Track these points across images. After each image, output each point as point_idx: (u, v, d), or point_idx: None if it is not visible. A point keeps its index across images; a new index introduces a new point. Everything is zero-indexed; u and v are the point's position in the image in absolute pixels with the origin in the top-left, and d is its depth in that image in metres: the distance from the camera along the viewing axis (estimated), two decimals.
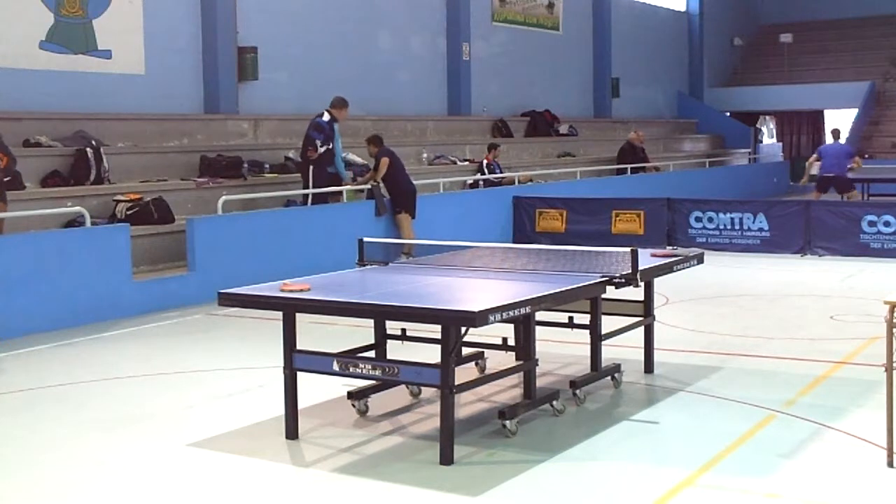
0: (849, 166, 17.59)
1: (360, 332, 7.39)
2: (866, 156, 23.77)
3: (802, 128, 34.10)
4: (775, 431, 6.02)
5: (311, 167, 12.92)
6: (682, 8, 30.22)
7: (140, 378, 7.69)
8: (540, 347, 6.47)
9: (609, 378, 7.05)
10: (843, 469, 5.34)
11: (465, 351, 7.05)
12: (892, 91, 29.45)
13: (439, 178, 15.94)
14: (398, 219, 13.52)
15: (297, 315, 5.99)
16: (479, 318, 5.17)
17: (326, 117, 13.02)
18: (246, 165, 13.65)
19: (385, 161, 13.56)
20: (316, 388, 6.76)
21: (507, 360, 7.11)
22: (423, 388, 6.75)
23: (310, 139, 12.92)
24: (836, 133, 18.95)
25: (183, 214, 12.01)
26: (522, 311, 5.62)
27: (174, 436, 6.08)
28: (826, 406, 6.50)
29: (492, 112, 21.16)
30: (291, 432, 5.98)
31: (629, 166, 20.73)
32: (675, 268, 7.27)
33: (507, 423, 5.92)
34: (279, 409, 6.12)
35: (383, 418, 6.38)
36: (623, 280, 6.43)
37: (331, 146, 13.01)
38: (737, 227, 14.86)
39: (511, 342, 6.84)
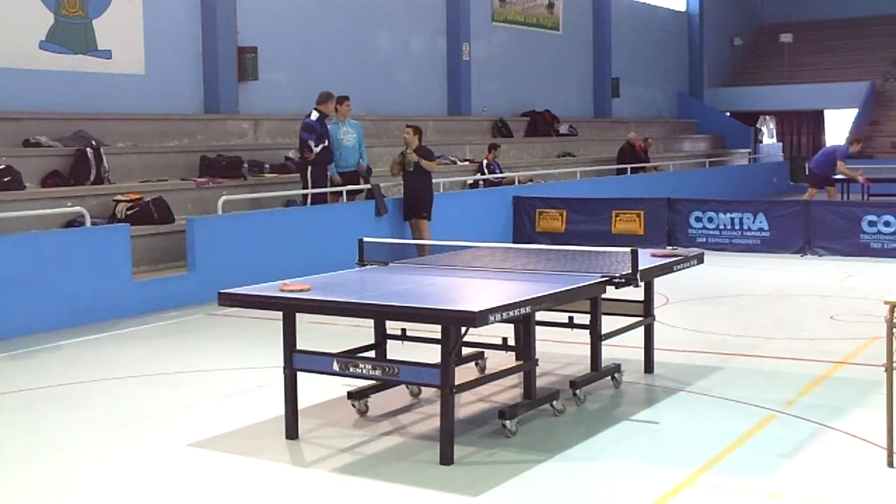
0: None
1: (360, 332, 7.39)
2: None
3: (802, 128, 34.09)
4: (775, 431, 6.02)
5: (308, 168, 12.87)
6: (682, 8, 30.22)
7: (140, 378, 7.69)
8: (540, 347, 6.47)
9: (609, 378, 7.04)
10: (843, 469, 5.34)
11: (465, 351, 7.05)
12: (892, 91, 29.46)
13: (439, 178, 15.92)
14: (420, 223, 13.48)
15: (297, 315, 5.99)
16: (479, 318, 5.17)
17: (315, 115, 12.87)
18: (246, 165, 13.64)
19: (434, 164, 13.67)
20: (316, 388, 6.76)
21: (507, 360, 7.10)
22: (423, 388, 6.75)
23: (302, 141, 12.83)
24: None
25: (183, 214, 12.01)
26: (522, 311, 5.62)
27: (174, 436, 6.08)
28: (826, 406, 6.50)
29: (492, 112, 21.16)
30: (291, 432, 5.98)
31: (629, 166, 20.74)
32: (675, 268, 7.27)
33: (507, 423, 5.92)
34: (279, 409, 6.12)
35: (383, 418, 6.37)
36: (623, 280, 6.43)
37: (326, 143, 12.91)
38: (737, 227, 14.86)
39: (511, 342, 6.84)
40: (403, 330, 7.02)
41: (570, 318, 7.18)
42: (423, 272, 6.92)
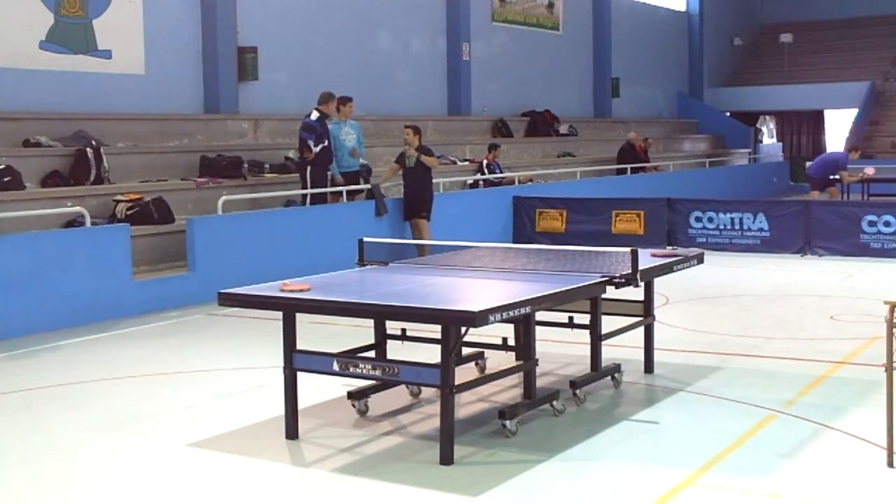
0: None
1: (360, 332, 7.39)
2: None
3: (802, 128, 34.10)
4: (775, 431, 6.02)
5: (308, 168, 12.86)
6: (682, 8, 30.22)
7: (140, 378, 7.69)
8: (540, 347, 6.47)
9: (609, 378, 7.05)
10: (843, 469, 5.34)
11: (465, 351, 7.05)
12: (892, 91, 29.45)
13: (439, 178, 15.91)
14: (420, 223, 13.48)
15: (297, 315, 5.99)
16: (479, 318, 5.17)
17: (315, 115, 12.86)
18: (246, 165, 13.64)
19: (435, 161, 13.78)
20: (316, 388, 6.76)
21: (507, 360, 7.11)
22: (423, 388, 6.75)
23: (302, 141, 12.83)
24: None
25: (183, 214, 12.01)
26: (522, 311, 5.62)
27: (174, 436, 6.08)
28: (826, 406, 6.50)
29: (492, 112, 21.16)
30: (291, 432, 5.98)
31: (629, 166, 20.74)
32: (675, 268, 7.27)
33: (507, 423, 5.92)
34: (279, 409, 6.12)
35: (383, 418, 6.38)
36: (623, 280, 6.43)
37: (326, 143, 12.89)
38: (737, 227, 14.86)
39: (511, 342, 6.84)
40: (403, 330, 7.02)
41: (570, 318, 7.18)
42: (423, 272, 6.92)
